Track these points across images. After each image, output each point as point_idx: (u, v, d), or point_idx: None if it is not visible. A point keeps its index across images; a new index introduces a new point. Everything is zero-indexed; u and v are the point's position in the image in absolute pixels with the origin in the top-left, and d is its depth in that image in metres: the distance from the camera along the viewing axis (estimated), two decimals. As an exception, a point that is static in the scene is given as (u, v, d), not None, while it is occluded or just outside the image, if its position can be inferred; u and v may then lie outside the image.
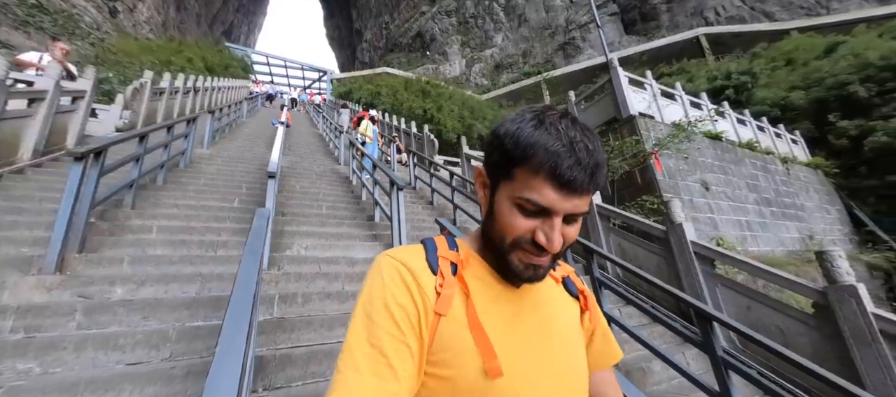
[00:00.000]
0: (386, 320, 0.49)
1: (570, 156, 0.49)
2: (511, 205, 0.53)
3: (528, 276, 0.54)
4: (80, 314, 2.23)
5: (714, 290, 3.71)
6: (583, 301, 0.67)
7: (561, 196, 0.49)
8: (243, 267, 1.63)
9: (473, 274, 0.58)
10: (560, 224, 0.51)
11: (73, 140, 5.40)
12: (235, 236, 3.71)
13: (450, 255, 0.58)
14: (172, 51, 20.07)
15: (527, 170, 0.51)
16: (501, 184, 0.55)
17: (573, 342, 0.61)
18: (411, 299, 0.51)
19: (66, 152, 4.72)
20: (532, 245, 0.52)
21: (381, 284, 0.52)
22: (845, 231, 10.89)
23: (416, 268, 0.54)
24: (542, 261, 0.53)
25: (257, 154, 7.77)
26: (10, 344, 1.91)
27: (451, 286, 0.54)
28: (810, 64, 17.41)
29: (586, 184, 0.50)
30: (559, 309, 0.62)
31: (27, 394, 1.69)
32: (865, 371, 2.73)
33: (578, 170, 0.49)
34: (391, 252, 0.57)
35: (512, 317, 0.56)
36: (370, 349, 0.47)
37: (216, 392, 0.90)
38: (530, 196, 0.50)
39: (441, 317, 0.52)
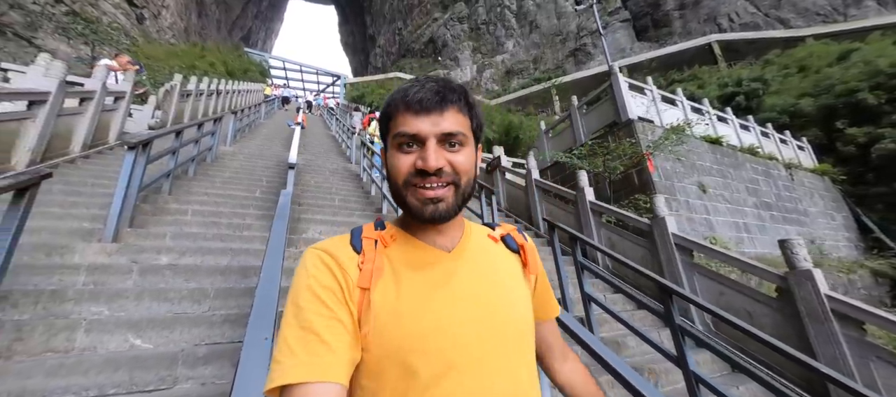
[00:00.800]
0: (313, 302, 0.51)
1: (416, 85, 0.59)
2: (393, 151, 0.59)
3: (430, 213, 0.57)
4: (136, 274, 2.70)
5: (692, 278, 4.01)
6: (523, 255, 0.70)
7: (417, 117, 0.57)
8: (274, 230, 2.07)
9: (399, 247, 0.61)
10: (434, 145, 0.57)
11: (115, 136, 6.00)
12: (258, 221, 4.18)
13: (373, 234, 0.61)
14: (196, 56, 21.12)
15: (393, 116, 0.60)
16: (386, 141, 0.62)
17: (512, 292, 0.63)
18: (334, 279, 0.54)
19: (121, 142, 5.29)
20: (418, 176, 0.57)
21: (305, 273, 0.54)
22: (851, 237, 10.87)
23: (336, 251, 0.57)
24: (436, 193, 0.57)
25: (275, 152, 8.32)
26: (85, 292, 2.38)
27: (371, 261, 0.56)
28: (822, 71, 17.31)
29: (436, 101, 0.57)
30: (497, 265, 0.65)
31: (103, 327, 2.15)
32: (818, 346, 3.00)
33: (424, 91, 0.57)
34: (315, 244, 0.60)
35: (443, 280, 0.58)
36: (301, 332, 0.49)
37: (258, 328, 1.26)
38: (399, 129, 0.58)
39: (366, 292, 0.54)
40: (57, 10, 16.87)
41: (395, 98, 0.60)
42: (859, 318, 2.88)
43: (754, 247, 7.72)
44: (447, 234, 0.63)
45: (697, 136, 8.74)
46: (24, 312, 2.12)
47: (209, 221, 3.89)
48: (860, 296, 8.66)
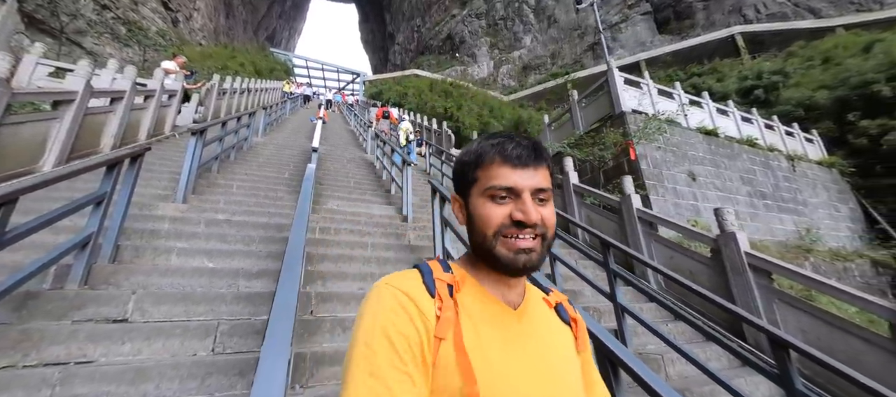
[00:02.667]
0: (386, 349, 0.48)
1: (510, 141, 0.61)
2: (483, 201, 0.59)
3: (521, 262, 0.56)
4: (203, 225, 3.67)
5: (650, 246, 4.66)
6: (574, 328, 0.69)
7: (516, 170, 0.58)
8: (303, 191, 2.94)
9: (470, 294, 0.59)
10: (530, 199, 0.58)
11: (169, 127, 7.14)
12: (288, 195, 5.13)
13: (445, 277, 0.58)
14: (227, 57, 22.72)
15: (485, 167, 0.60)
16: (471, 191, 0.62)
17: (571, 367, 0.62)
18: (413, 326, 0.51)
19: (176, 132, 6.38)
20: (513, 226, 0.57)
21: (382, 313, 0.52)
22: (855, 228, 10.93)
23: (414, 294, 0.54)
24: (528, 243, 0.56)
25: (300, 143, 9.37)
26: (172, 232, 3.35)
27: (449, 308, 0.54)
28: (844, 63, 16.92)
29: (532, 157, 0.60)
30: (556, 334, 0.64)
31: (187, 253, 3.10)
32: (737, 294, 3.63)
33: (520, 148, 0.60)
34: (388, 279, 0.57)
35: (511, 339, 0.57)
36: (372, 381, 0.46)
37: (291, 268, 2.09)
38: (494, 182, 0.58)
39: (442, 342, 0.52)
40: (104, 16, 18.65)
41: (489, 150, 0.61)
42: (768, 269, 3.49)
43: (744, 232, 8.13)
44: (515, 290, 0.63)
45: (692, 128, 9.16)
46: (136, 242, 3.10)
47: (250, 193, 4.88)
48: (856, 285, 8.88)
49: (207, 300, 2.53)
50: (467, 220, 0.62)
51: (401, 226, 4.87)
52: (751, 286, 3.55)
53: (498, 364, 0.53)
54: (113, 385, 1.77)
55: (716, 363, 3.28)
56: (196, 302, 2.49)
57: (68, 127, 4.28)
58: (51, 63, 7.06)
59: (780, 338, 2.11)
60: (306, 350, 2.24)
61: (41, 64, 6.50)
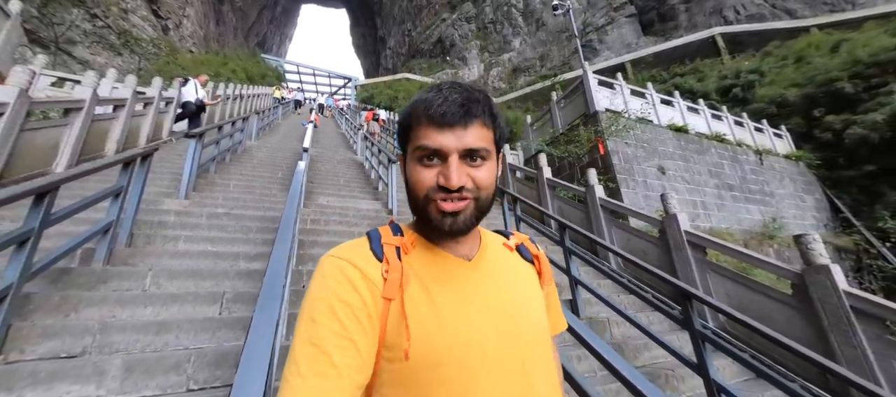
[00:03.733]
0: (328, 318, 0.49)
1: (439, 97, 0.56)
2: (414, 164, 0.58)
3: (448, 225, 0.56)
4: (205, 217, 4.09)
5: (611, 231, 5.17)
6: (537, 265, 0.70)
7: (439, 131, 0.55)
8: (293, 182, 3.39)
9: (421, 254, 0.60)
10: (457, 162, 0.55)
11: (166, 133, 7.52)
12: (281, 192, 5.56)
13: (394, 240, 0.59)
14: (220, 63, 23.05)
15: (414, 127, 0.58)
16: (406, 153, 0.60)
17: (531, 303, 0.63)
18: (356, 293, 0.52)
19: (185, 134, 6.75)
20: (439, 190, 0.55)
21: (323, 285, 0.53)
22: (819, 217, 11.61)
23: (358, 260, 0.55)
24: (455, 206, 0.55)
25: (292, 146, 9.77)
26: (177, 223, 3.78)
27: (397, 270, 0.55)
28: (813, 62, 17.76)
29: (459, 115, 0.55)
30: (516, 276, 0.65)
31: (192, 240, 3.53)
32: (679, 267, 4.14)
33: (447, 105, 0.55)
34: (332, 251, 0.58)
35: (464, 290, 0.58)
36: (312, 349, 0.47)
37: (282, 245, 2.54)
38: (421, 142, 0.56)
39: (391, 302, 0.53)
40: (95, 25, 18.84)
41: (417, 108, 0.58)
42: (702, 244, 4.02)
43: (709, 221, 8.72)
44: (465, 243, 0.63)
45: (663, 125, 9.75)
46: (147, 231, 3.51)
47: (246, 191, 5.30)
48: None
49: (213, 276, 2.96)
50: (406, 182, 0.61)
51: (386, 219, 5.33)
52: (689, 260, 4.06)
53: (445, 316, 0.54)
54: (141, 334, 2.20)
55: (658, 326, 3.77)
56: (203, 277, 2.93)
57: (78, 132, 4.67)
58: (52, 74, 7.42)
59: (684, 290, 2.60)
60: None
61: (44, 75, 6.86)
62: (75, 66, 15.68)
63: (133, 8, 22.74)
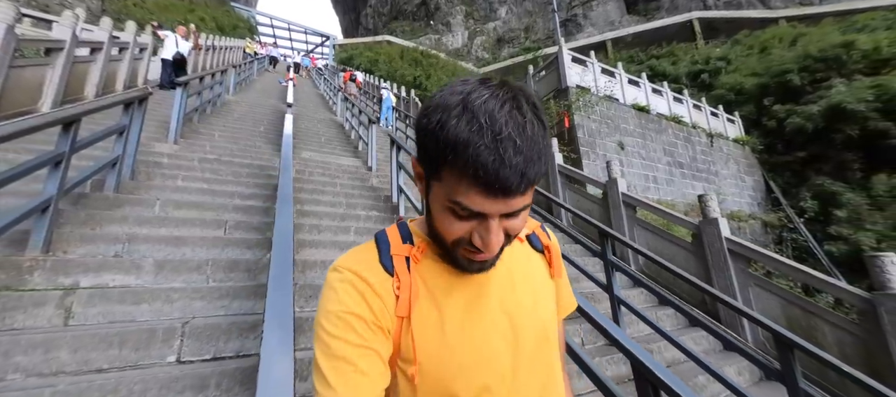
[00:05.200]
0: (345, 332, 0.49)
1: (495, 157, 0.42)
2: (444, 209, 0.49)
3: (475, 270, 0.53)
4: (197, 161, 4.43)
5: (565, 192, 5.96)
6: (548, 255, 0.67)
7: (491, 200, 0.44)
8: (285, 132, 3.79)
9: (429, 264, 0.57)
10: (497, 225, 0.48)
11: (141, 81, 7.45)
12: (266, 145, 5.87)
13: (403, 250, 0.57)
14: (186, 10, 21.59)
15: (452, 173, 0.45)
16: (433, 183, 0.51)
17: (540, 297, 0.61)
18: (368, 308, 0.51)
19: (174, 82, 6.80)
20: (471, 245, 0.50)
21: (335, 298, 0.51)
22: (755, 196, 13.06)
23: (369, 276, 0.53)
24: (486, 257, 0.51)
25: (271, 103, 9.83)
26: (173, 165, 4.11)
27: (407, 287, 0.53)
28: (773, 53, 18.96)
29: (516, 185, 0.43)
30: (526, 271, 0.62)
31: (189, 180, 3.91)
32: (614, 222, 4.98)
33: (506, 173, 0.42)
34: (341, 262, 0.55)
35: (473, 298, 0.56)
36: (336, 362, 0.47)
37: (285, 189, 2.98)
38: (460, 200, 0.46)
39: (404, 320, 0.52)
40: None
41: (462, 158, 0.43)
42: (633, 204, 4.82)
43: (658, 194, 9.75)
44: None
45: (627, 104, 10.51)
46: (146, 170, 3.85)
47: (231, 141, 5.59)
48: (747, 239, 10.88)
49: (214, 208, 3.41)
50: (426, 206, 0.55)
51: (366, 174, 5.80)
52: (622, 216, 4.88)
53: (454, 329, 0.53)
54: (162, 245, 2.67)
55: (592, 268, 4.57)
56: (205, 209, 3.37)
57: (60, 73, 4.75)
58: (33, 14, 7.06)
59: (602, 229, 3.33)
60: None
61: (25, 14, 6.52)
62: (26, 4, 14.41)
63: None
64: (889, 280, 2.89)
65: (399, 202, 4.44)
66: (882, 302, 2.85)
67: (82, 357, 1.76)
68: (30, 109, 4.34)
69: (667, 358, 3.14)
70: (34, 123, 2.31)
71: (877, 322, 2.87)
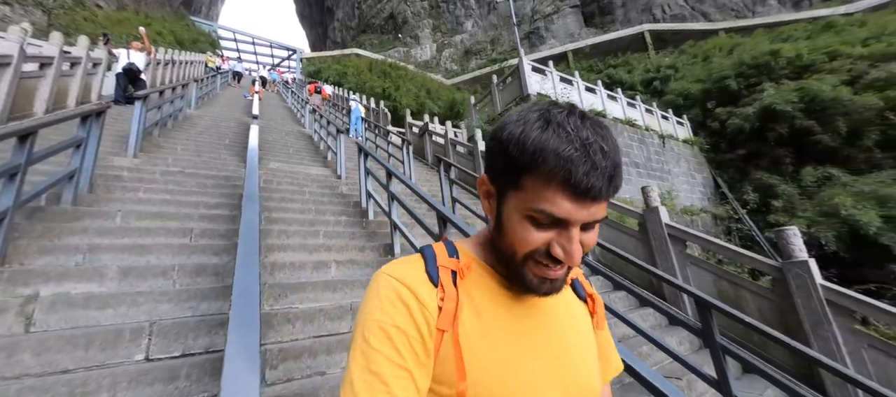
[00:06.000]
0: (384, 345, 0.47)
1: (585, 160, 0.43)
2: (522, 218, 0.48)
3: (545, 291, 0.51)
4: (158, 174, 4.38)
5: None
6: (591, 304, 0.65)
7: (577, 205, 0.45)
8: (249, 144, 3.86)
9: (477, 281, 0.55)
10: (578, 234, 0.47)
11: (96, 96, 7.18)
12: (231, 157, 5.84)
13: (450, 263, 0.55)
14: (141, 22, 20.73)
15: (537, 180, 0.45)
16: (509, 194, 0.50)
17: (586, 346, 0.59)
18: (411, 320, 0.48)
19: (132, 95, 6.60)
20: (547, 257, 0.48)
21: (379, 307, 0.49)
22: (705, 192, 14.16)
23: (414, 285, 0.51)
24: (558, 274, 0.50)
25: (235, 116, 9.68)
26: (133, 178, 4.06)
27: (452, 299, 0.51)
28: (714, 61, 20.75)
29: (605, 190, 0.45)
30: (572, 315, 0.60)
31: (152, 191, 3.87)
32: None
33: (595, 176, 0.44)
34: (388, 269, 0.54)
35: (519, 324, 0.54)
36: (370, 377, 0.45)
37: (251, 189, 3.08)
38: (544, 207, 0.45)
39: (444, 333, 0.50)
40: None
41: (552, 161, 0.44)
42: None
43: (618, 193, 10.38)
44: None
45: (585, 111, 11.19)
46: (105, 183, 3.78)
47: (194, 153, 5.53)
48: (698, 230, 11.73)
49: (179, 217, 3.42)
50: (496, 223, 0.53)
51: (335, 182, 5.89)
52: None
53: (500, 354, 0.50)
54: (125, 254, 2.68)
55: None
56: (169, 218, 3.37)
57: (6, 90, 4.57)
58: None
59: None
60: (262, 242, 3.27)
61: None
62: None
63: (27, -50, 19.49)
64: (793, 249, 3.35)
65: (368, 207, 4.58)
66: (789, 268, 3.31)
67: (47, 359, 1.79)
68: (-28, 126, 4.14)
69: (617, 333, 3.45)
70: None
71: (786, 286, 3.30)
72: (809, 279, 3.16)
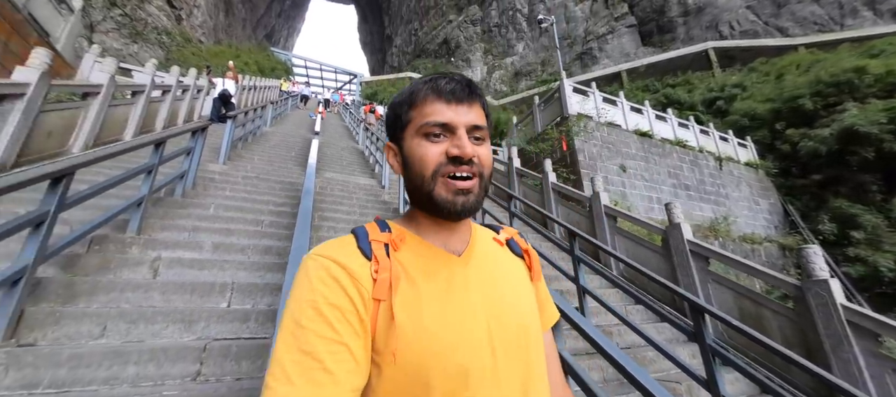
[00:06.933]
0: (316, 323, 0.47)
1: (442, 78, 0.59)
2: (418, 140, 0.57)
3: (461, 204, 0.55)
4: (240, 178, 5.42)
5: (558, 206, 6.51)
6: (527, 259, 0.69)
7: (449, 106, 0.57)
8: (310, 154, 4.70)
9: (410, 250, 0.58)
10: (466, 136, 0.56)
11: (196, 117, 8.84)
12: (296, 167, 6.89)
13: (382, 237, 0.57)
14: (232, 55, 24.38)
15: (418, 106, 0.58)
16: (404, 134, 0.60)
17: (521, 299, 0.62)
18: (344, 294, 0.49)
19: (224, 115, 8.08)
20: (450, 164, 0.55)
21: (309, 286, 0.50)
22: (771, 220, 12.90)
23: (345, 260, 0.52)
24: (466, 184, 0.55)
25: (302, 133, 11.11)
26: (221, 181, 5.10)
27: (386, 269, 0.53)
28: (786, 79, 19.00)
29: (465, 93, 0.58)
30: (506, 270, 0.64)
31: (235, 190, 4.85)
32: (599, 232, 5.47)
33: (453, 83, 0.58)
34: (316, 249, 0.55)
35: (454, 287, 0.56)
36: (301, 356, 0.45)
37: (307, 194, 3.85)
38: (428, 118, 0.56)
39: (381, 303, 0.51)
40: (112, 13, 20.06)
41: (422, 87, 0.59)
42: (614, 214, 5.34)
43: (662, 214, 10.01)
44: (459, 235, 0.62)
45: (629, 130, 11.05)
46: (203, 183, 4.83)
47: (268, 163, 6.65)
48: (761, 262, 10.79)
49: (254, 211, 4.29)
50: (403, 166, 0.60)
51: (379, 191, 6.65)
52: (604, 226, 5.39)
53: (436, 316, 0.52)
54: (216, 235, 3.52)
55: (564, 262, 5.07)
56: (247, 211, 4.26)
57: (140, 111, 6.00)
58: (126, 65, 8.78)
59: (570, 229, 3.90)
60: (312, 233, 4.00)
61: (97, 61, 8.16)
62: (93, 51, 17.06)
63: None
64: (813, 268, 3.26)
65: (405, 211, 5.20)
66: (809, 287, 3.24)
67: (167, 297, 2.56)
68: (116, 139, 5.51)
69: (627, 340, 3.60)
70: (135, 144, 3.28)
71: (806, 306, 3.23)
72: (830, 299, 3.04)
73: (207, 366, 2.08)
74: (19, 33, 6.26)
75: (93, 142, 4.73)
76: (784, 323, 3.41)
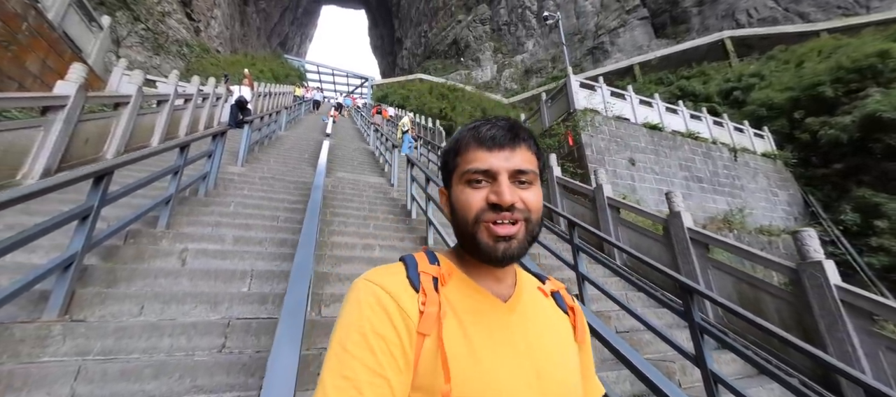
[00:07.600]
0: (361, 351, 0.48)
1: (485, 124, 0.60)
2: (462, 187, 0.58)
3: (502, 251, 0.54)
4: (258, 179, 5.76)
5: (563, 200, 6.61)
6: (572, 317, 0.67)
7: (491, 152, 0.57)
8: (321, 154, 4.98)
9: (457, 289, 0.58)
10: (507, 181, 0.55)
11: (216, 123, 9.31)
12: (309, 168, 7.22)
13: (431, 270, 0.58)
14: (248, 63, 25.24)
15: (462, 153, 0.60)
16: (452, 179, 0.61)
17: (566, 357, 0.61)
18: (392, 325, 0.50)
19: (242, 120, 8.52)
20: (490, 211, 0.55)
21: (358, 312, 0.51)
22: (791, 211, 12.55)
23: (395, 290, 0.53)
24: (508, 230, 0.54)
25: (315, 137, 11.50)
26: (240, 182, 5.43)
27: (434, 303, 0.53)
28: (807, 66, 18.35)
29: (506, 138, 0.57)
30: (552, 324, 0.63)
31: (252, 189, 5.18)
32: (602, 222, 5.55)
33: (495, 129, 0.58)
34: (368, 275, 0.56)
35: (499, 333, 0.56)
36: (344, 382, 0.46)
37: (316, 189, 4.12)
38: (469, 166, 0.57)
39: (426, 338, 0.51)
40: (135, 27, 21.05)
41: (465, 134, 0.61)
42: (617, 206, 5.41)
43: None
44: (504, 281, 0.62)
45: (638, 123, 10.99)
46: (223, 183, 5.18)
47: (282, 164, 7.00)
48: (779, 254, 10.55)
49: (270, 208, 4.59)
50: (451, 210, 0.61)
51: (388, 189, 6.90)
52: (607, 217, 5.47)
53: (483, 359, 0.52)
54: (237, 229, 3.82)
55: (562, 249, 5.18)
56: (264, 209, 4.56)
57: (165, 119, 6.42)
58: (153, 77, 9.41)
59: (569, 219, 4.03)
60: (324, 227, 4.27)
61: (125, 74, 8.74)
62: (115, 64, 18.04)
63: (170, 11, 25.00)
64: (808, 251, 3.30)
65: (411, 208, 5.42)
66: (805, 269, 3.28)
67: (194, 283, 2.84)
68: (144, 145, 5.94)
69: (625, 324, 3.71)
70: (164, 147, 3.60)
71: (802, 287, 3.27)
72: (824, 280, 3.08)
73: (231, 340, 2.33)
74: (55, 50, 6.80)
75: (124, 148, 5.14)
76: (781, 305, 3.45)
